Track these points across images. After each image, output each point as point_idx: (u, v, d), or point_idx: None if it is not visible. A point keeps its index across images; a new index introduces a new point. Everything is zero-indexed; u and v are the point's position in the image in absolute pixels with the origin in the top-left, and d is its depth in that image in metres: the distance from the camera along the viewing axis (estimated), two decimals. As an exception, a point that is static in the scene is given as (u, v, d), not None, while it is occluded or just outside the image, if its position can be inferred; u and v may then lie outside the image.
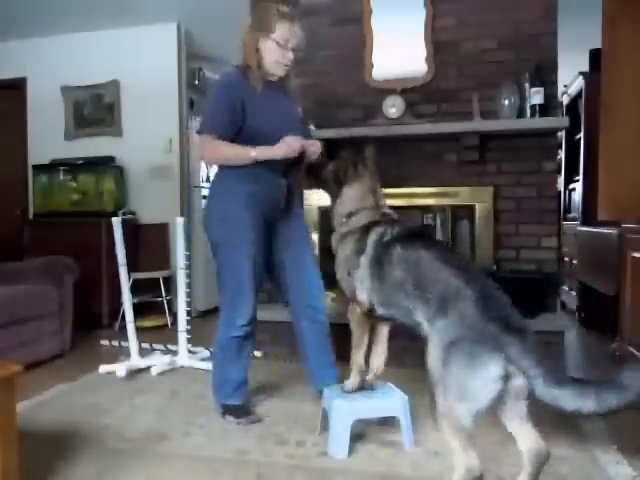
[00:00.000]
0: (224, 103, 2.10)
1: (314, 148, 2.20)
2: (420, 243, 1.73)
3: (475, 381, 1.38)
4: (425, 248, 1.68)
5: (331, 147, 2.88)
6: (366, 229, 1.89)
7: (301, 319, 2.34)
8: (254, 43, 2.14)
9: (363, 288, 1.85)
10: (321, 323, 2.34)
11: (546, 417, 2.21)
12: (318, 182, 2.14)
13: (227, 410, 2.26)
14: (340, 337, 2.29)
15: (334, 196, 2.05)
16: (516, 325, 1.40)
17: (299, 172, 2.27)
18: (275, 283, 2.42)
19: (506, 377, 1.37)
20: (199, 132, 2.17)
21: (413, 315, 1.64)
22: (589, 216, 3.96)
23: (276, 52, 2.14)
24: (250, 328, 2.24)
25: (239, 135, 2.12)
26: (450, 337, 1.45)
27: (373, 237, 1.85)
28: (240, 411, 2.25)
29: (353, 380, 2.01)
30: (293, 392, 2.60)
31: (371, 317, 1.92)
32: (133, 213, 4.74)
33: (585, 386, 1.29)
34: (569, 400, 1.29)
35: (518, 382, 1.39)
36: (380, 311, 1.85)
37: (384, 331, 2.03)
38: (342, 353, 2.24)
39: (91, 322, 4.14)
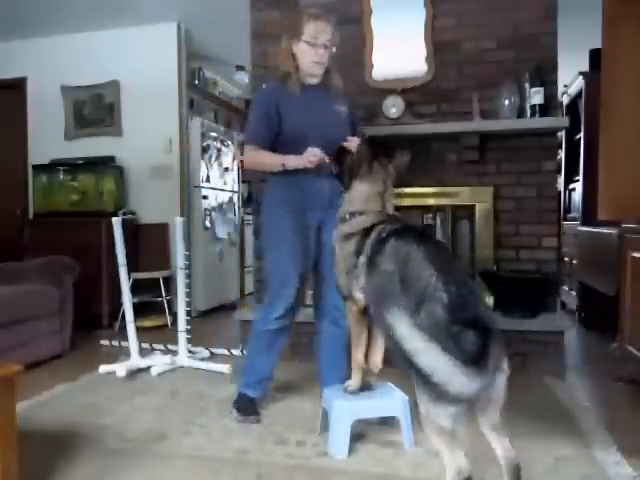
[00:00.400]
0: (259, 114, 2.25)
1: (351, 147, 2.14)
2: (413, 238, 1.68)
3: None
4: (417, 244, 1.63)
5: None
6: (368, 231, 1.84)
7: (324, 317, 2.36)
8: (288, 50, 2.24)
9: (359, 286, 1.85)
10: (343, 328, 2.26)
11: (545, 417, 2.22)
12: (341, 171, 2.06)
13: (239, 400, 2.30)
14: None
15: (345, 189, 2.01)
16: (480, 325, 1.36)
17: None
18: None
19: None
20: (243, 142, 2.35)
21: None
22: (589, 216, 3.95)
23: (309, 52, 2.20)
24: (283, 322, 2.28)
25: (277, 138, 2.21)
26: None
27: (373, 235, 1.82)
28: (249, 406, 2.28)
29: (355, 379, 2.00)
30: (294, 392, 2.60)
31: (367, 315, 1.91)
32: (133, 213, 4.74)
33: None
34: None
35: (489, 391, 1.35)
36: None
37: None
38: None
39: (91, 322, 4.14)
